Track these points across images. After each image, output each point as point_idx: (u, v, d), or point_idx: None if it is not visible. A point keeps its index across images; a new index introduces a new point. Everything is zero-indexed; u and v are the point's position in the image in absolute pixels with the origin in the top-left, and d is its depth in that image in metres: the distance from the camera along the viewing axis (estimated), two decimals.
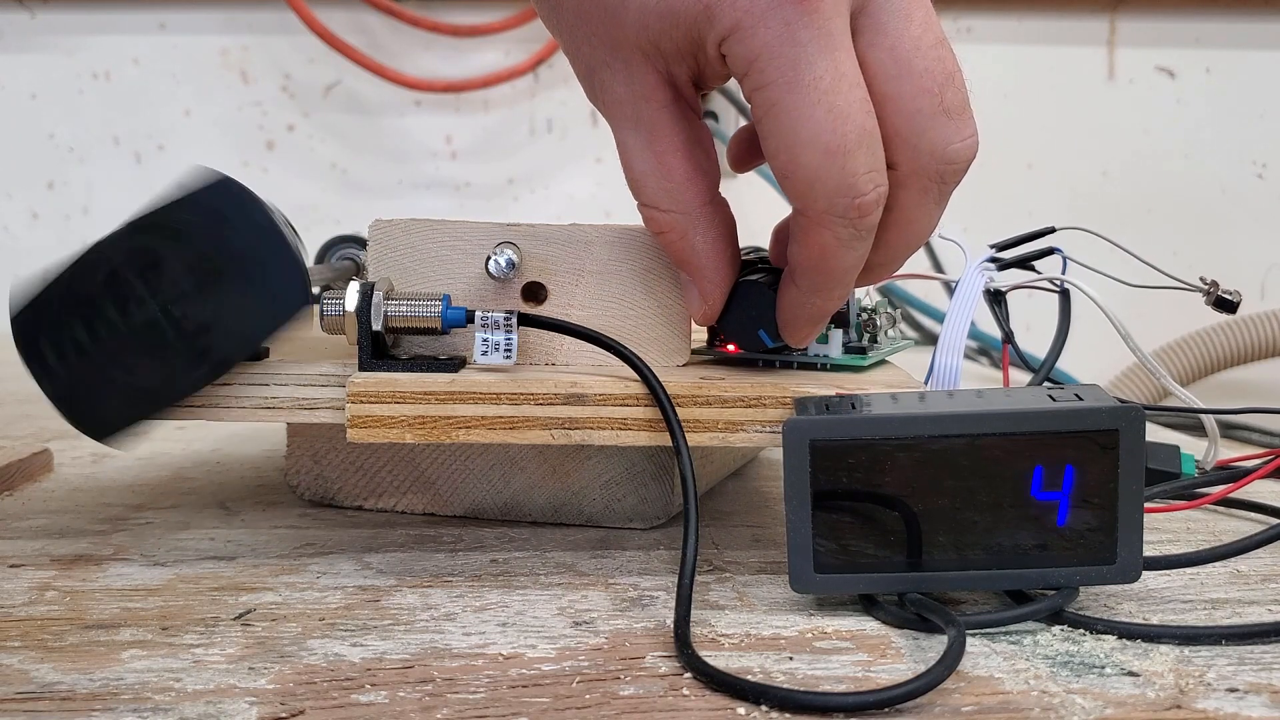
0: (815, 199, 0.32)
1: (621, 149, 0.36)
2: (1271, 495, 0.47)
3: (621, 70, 0.35)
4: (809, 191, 0.32)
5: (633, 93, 0.35)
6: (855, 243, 0.34)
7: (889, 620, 0.32)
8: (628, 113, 0.35)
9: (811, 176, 0.32)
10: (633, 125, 0.35)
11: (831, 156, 0.32)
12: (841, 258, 0.34)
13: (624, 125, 0.36)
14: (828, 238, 0.33)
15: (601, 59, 0.35)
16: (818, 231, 0.33)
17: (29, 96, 1.19)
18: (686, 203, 0.35)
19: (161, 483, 0.48)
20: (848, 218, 0.33)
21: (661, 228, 0.36)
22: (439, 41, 1.18)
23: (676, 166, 0.35)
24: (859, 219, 0.33)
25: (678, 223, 0.35)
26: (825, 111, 0.31)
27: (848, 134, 0.32)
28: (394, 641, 0.31)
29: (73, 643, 0.30)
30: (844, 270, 0.34)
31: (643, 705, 0.27)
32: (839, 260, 0.34)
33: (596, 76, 0.36)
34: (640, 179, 0.36)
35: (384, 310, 0.36)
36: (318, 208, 1.18)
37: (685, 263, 0.37)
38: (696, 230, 0.36)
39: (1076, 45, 1.21)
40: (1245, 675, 0.29)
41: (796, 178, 0.32)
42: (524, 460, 0.42)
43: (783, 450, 0.32)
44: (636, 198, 0.36)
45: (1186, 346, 1.03)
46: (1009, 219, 0.63)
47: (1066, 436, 0.31)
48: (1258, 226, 1.23)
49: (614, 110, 0.36)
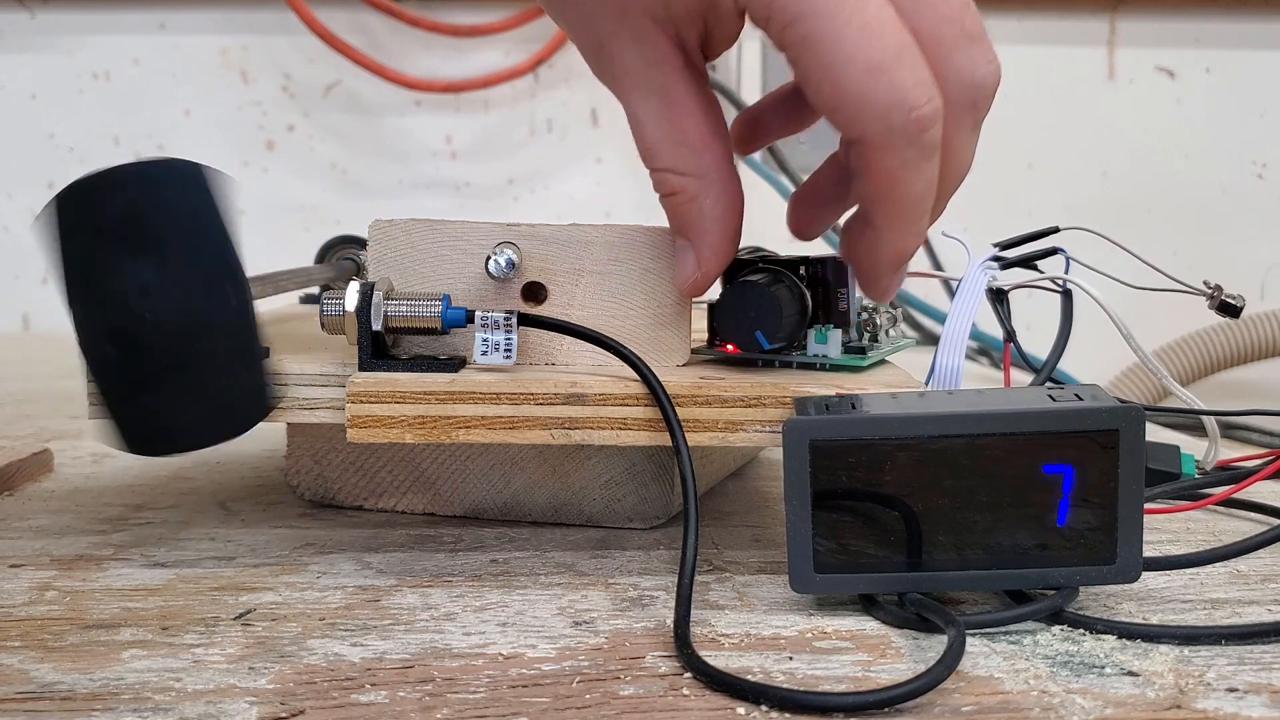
0: (870, 121, 0.32)
1: (633, 120, 0.36)
2: (1272, 496, 0.47)
3: (631, 38, 0.34)
4: (861, 115, 0.32)
5: (644, 59, 0.34)
6: (921, 163, 0.33)
7: (889, 620, 0.32)
8: (639, 81, 0.35)
9: (859, 98, 0.31)
10: (645, 93, 0.35)
11: (875, 73, 0.31)
12: (911, 182, 0.33)
13: (636, 94, 0.35)
14: (893, 162, 0.32)
15: (610, 30, 0.35)
16: (880, 157, 0.32)
17: (29, 96, 1.19)
18: (703, 166, 0.35)
19: (161, 483, 0.48)
20: (908, 134, 0.32)
21: (673, 188, 0.35)
22: (439, 41, 1.18)
23: (691, 130, 0.35)
24: (919, 134, 0.32)
25: (690, 185, 0.35)
26: (859, 30, 0.31)
27: (887, 48, 0.31)
28: (394, 641, 0.31)
29: (73, 643, 0.30)
30: (917, 197, 0.34)
31: (643, 705, 0.27)
32: (909, 185, 0.33)
33: (605, 49, 0.35)
34: (655, 146, 0.35)
35: (384, 310, 0.36)
36: (318, 208, 1.18)
37: (689, 226, 0.36)
38: (707, 195, 0.35)
39: (1076, 45, 1.21)
40: (1245, 675, 0.29)
41: (845, 104, 0.32)
42: (524, 460, 0.42)
43: (783, 450, 0.32)
44: (650, 164, 0.36)
45: (1187, 346, 1.03)
46: (1009, 219, 0.63)
47: (1066, 436, 0.31)
48: (1258, 226, 1.23)
49: (625, 80, 0.35)
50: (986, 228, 0.45)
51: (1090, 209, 1.20)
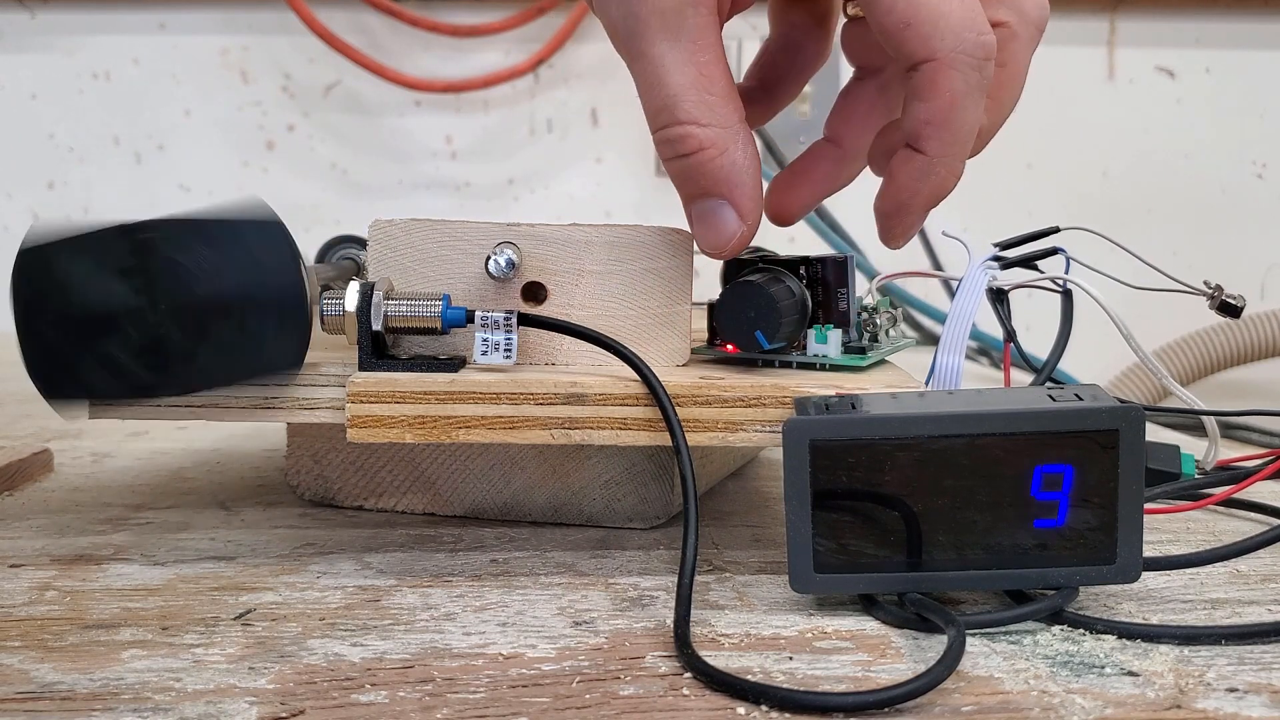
0: (943, 37, 0.33)
1: (653, 65, 0.34)
2: (1272, 496, 0.47)
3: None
4: (935, 31, 0.33)
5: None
6: (979, 93, 0.34)
7: (889, 620, 0.32)
8: (671, 22, 0.34)
9: (936, 14, 0.33)
10: (673, 35, 0.34)
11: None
12: (969, 109, 0.34)
13: (662, 36, 0.34)
14: (958, 82, 0.34)
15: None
16: (948, 76, 0.34)
17: (29, 96, 1.19)
18: (729, 116, 0.35)
19: (161, 483, 0.48)
20: (975, 57, 0.33)
21: (701, 143, 0.34)
22: (439, 41, 1.18)
23: (719, 78, 0.34)
24: (985, 59, 0.34)
25: (720, 137, 0.34)
26: None
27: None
28: (394, 641, 0.31)
29: (73, 643, 0.30)
30: (970, 126, 0.35)
31: (643, 705, 0.27)
32: (966, 112, 0.34)
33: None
34: (678, 93, 0.34)
35: (384, 310, 0.36)
36: (318, 208, 1.18)
37: (724, 180, 0.35)
38: (738, 145, 0.35)
39: (1076, 45, 1.21)
40: (1245, 675, 0.29)
41: (921, 19, 0.33)
42: (524, 460, 0.42)
43: (783, 450, 0.32)
44: (667, 118, 0.35)
45: (1187, 346, 1.03)
46: (1009, 219, 0.63)
47: (1066, 436, 0.31)
48: (1258, 226, 1.23)
49: (652, 20, 0.34)
50: (986, 228, 0.45)
51: (1090, 209, 1.20)
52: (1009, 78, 0.37)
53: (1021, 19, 0.37)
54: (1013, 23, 0.37)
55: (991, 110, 0.37)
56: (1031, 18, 0.37)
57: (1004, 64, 0.37)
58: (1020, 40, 0.37)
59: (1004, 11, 0.37)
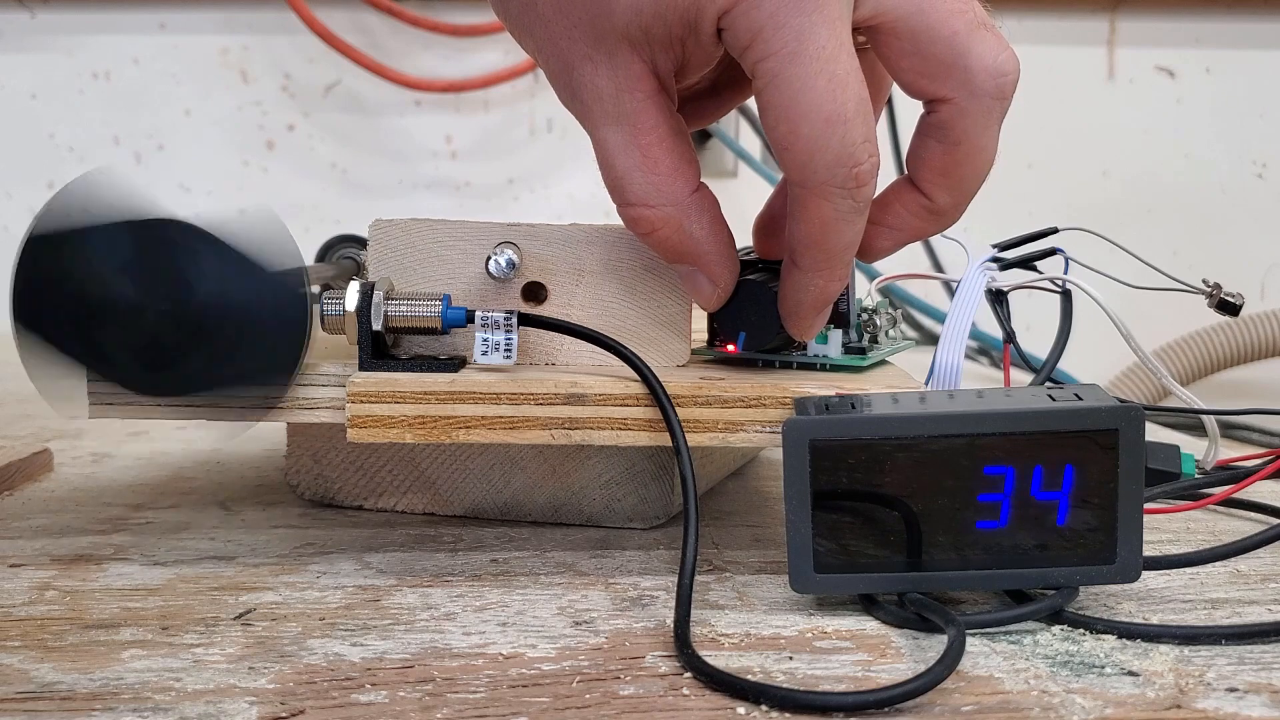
0: (815, 169, 0.32)
1: (601, 149, 0.35)
2: (1271, 495, 0.47)
3: (605, 62, 0.34)
4: (809, 162, 0.32)
5: (616, 85, 0.34)
6: (854, 217, 0.34)
7: (889, 620, 0.32)
8: (609, 108, 0.34)
9: (812, 146, 0.32)
10: (614, 120, 0.34)
11: (832, 125, 0.32)
12: (841, 232, 0.34)
13: (605, 122, 0.35)
14: (827, 210, 0.33)
15: (582, 53, 0.34)
16: (817, 204, 0.33)
17: (29, 96, 1.19)
18: (675, 194, 0.35)
19: (161, 483, 0.48)
20: (846, 188, 0.33)
21: (654, 225, 0.35)
22: (439, 41, 1.18)
23: (662, 159, 0.34)
24: (857, 189, 0.33)
25: (670, 216, 0.35)
26: (826, 81, 0.31)
27: (848, 102, 0.32)
28: (394, 641, 0.31)
29: (73, 642, 0.30)
30: (844, 246, 0.34)
31: (643, 705, 0.27)
32: (839, 235, 0.34)
33: (575, 72, 0.35)
34: (624, 176, 0.35)
35: (384, 310, 0.36)
36: (318, 207, 1.18)
37: (686, 254, 0.36)
38: (690, 219, 0.35)
39: (1076, 45, 1.21)
40: (1245, 675, 0.29)
41: (796, 149, 0.32)
42: (524, 460, 0.42)
43: (783, 450, 0.32)
44: (620, 199, 0.35)
45: (1186, 346, 1.03)
46: (1009, 219, 0.63)
47: (1066, 436, 0.31)
48: (1258, 226, 1.23)
49: (594, 107, 0.35)
50: (986, 228, 0.45)
51: (1090, 209, 1.20)
52: (965, 155, 0.35)
53: (970, 93, 0.34)
54: (958, 99, 0.34)
55: (952, 189, 0.36)
56: (984, 89, 0.34)
57: (957, 142, 0.35)
58: (971, 116, 0.34)
59: (949, 87, 0.34)
